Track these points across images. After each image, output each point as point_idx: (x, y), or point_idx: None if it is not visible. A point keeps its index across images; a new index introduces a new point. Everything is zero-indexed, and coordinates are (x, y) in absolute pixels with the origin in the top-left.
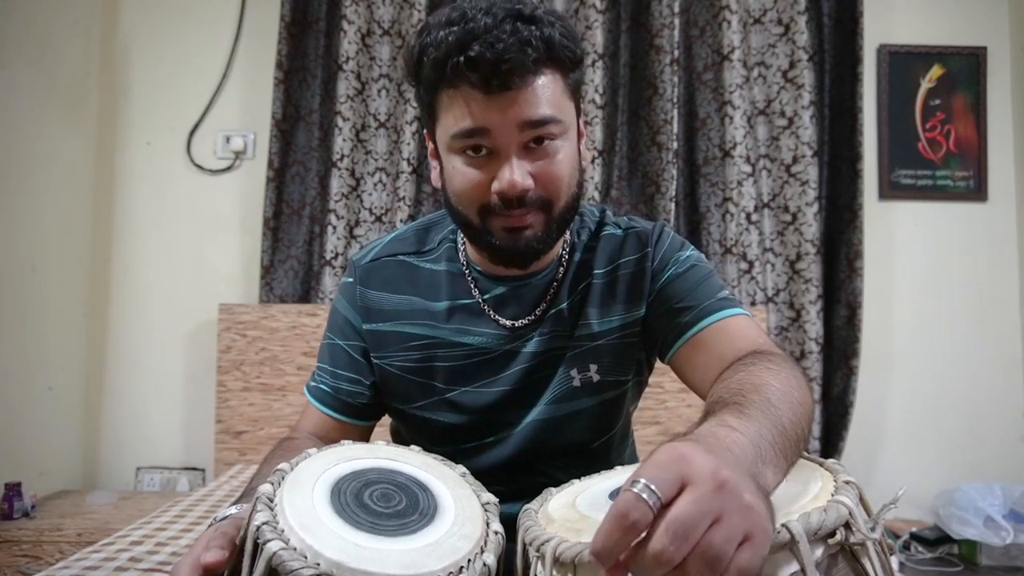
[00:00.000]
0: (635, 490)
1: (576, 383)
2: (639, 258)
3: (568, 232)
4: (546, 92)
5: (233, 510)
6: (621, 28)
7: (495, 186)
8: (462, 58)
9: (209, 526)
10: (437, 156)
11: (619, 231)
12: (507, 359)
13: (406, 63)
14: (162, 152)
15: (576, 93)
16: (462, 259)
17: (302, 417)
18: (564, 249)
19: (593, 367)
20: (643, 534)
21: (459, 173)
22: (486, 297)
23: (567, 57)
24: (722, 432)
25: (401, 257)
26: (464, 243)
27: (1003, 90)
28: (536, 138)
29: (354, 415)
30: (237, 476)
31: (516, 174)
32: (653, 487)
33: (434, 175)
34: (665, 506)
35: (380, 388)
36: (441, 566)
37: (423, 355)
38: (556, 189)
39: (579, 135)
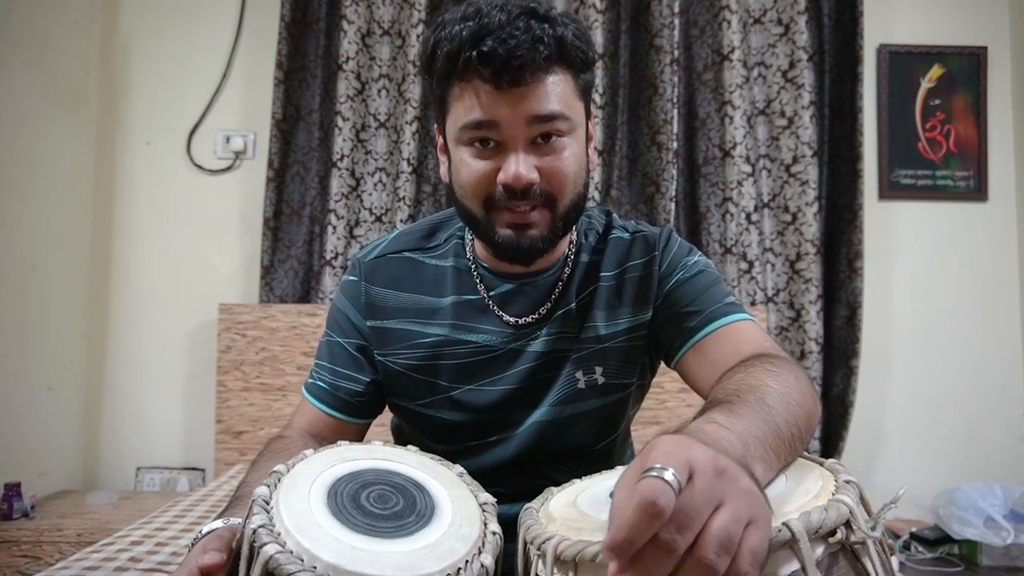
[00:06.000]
0: (665, 477)
1: (581, 385)
2: (646, 262)
3: (575, 232)
4: (556, 89)
5: (218, 524)
6: (621, 28)
7: (500, 177)
8: (475, 53)
9: (193, 542)
10: (446, 151)
11: (626, 235)
12: (512, 358)
13: (420, 57)
14: (162, 152)
15: (586, 95)
16: (469, 255)
17: (296, 415)
18: (571, 248)
19: (599, 369)
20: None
21: (466, 165)
22: (492, 294)
23: (578, 57)
24: (710, 428)
25: (407, 254)
26: (472, 240)
27: (1003, 90)
28: (544, 134)
29: (352, 413)
30: (237, 476)
31: (522, 166)
32: (676, 474)
33: (442, 170)
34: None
35: (383, 385)
36: (439, 568)
37: (428, 353)
38: (561, 185)
39: (588, 138)
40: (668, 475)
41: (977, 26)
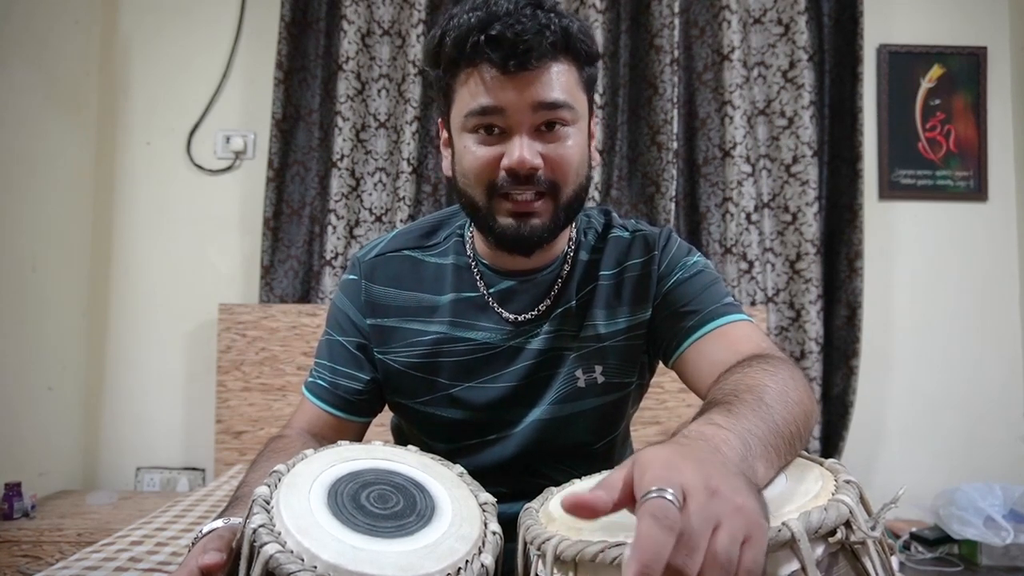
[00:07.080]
0: (666, 496)
1: (581, 384)
2: (645, 261)
3: (574, 229)
4: (561, 79)
5: (218, 523)
6: (621, 28)
7: (504, 162)
8: (482, 36)
9: (193, 541)
10: (450, 144)
11: (626, 234)
12: (512, 355)
13: (426, 49)
14: (162, 152)
15: (590, 90)
16: (469, 252)
17: (296, 414)
18: (570, 246)
19: (598, 368)
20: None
21: (470, 152)
22: (491, 291)
23: (583, 50)
24: (710, 431)
25: (406, 252)
26: (472, 237)
27: (1003, 90)
28: (548, 122)
29: (352, 411)
30: (237, 476)
31: (526, 151)
32: (675, 494)
33: (445, 164)
34: None
35: (383, 383)
36: (439, 567)
37: (428, 351)
38: (564, 173)
39: (590, 135)
40: (668, 495)
41: (977, 26)
